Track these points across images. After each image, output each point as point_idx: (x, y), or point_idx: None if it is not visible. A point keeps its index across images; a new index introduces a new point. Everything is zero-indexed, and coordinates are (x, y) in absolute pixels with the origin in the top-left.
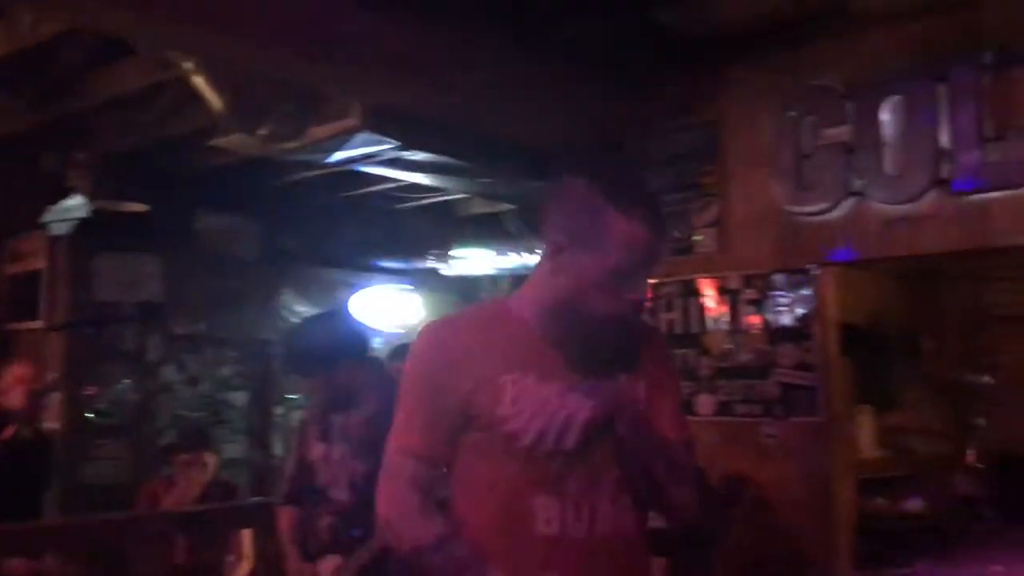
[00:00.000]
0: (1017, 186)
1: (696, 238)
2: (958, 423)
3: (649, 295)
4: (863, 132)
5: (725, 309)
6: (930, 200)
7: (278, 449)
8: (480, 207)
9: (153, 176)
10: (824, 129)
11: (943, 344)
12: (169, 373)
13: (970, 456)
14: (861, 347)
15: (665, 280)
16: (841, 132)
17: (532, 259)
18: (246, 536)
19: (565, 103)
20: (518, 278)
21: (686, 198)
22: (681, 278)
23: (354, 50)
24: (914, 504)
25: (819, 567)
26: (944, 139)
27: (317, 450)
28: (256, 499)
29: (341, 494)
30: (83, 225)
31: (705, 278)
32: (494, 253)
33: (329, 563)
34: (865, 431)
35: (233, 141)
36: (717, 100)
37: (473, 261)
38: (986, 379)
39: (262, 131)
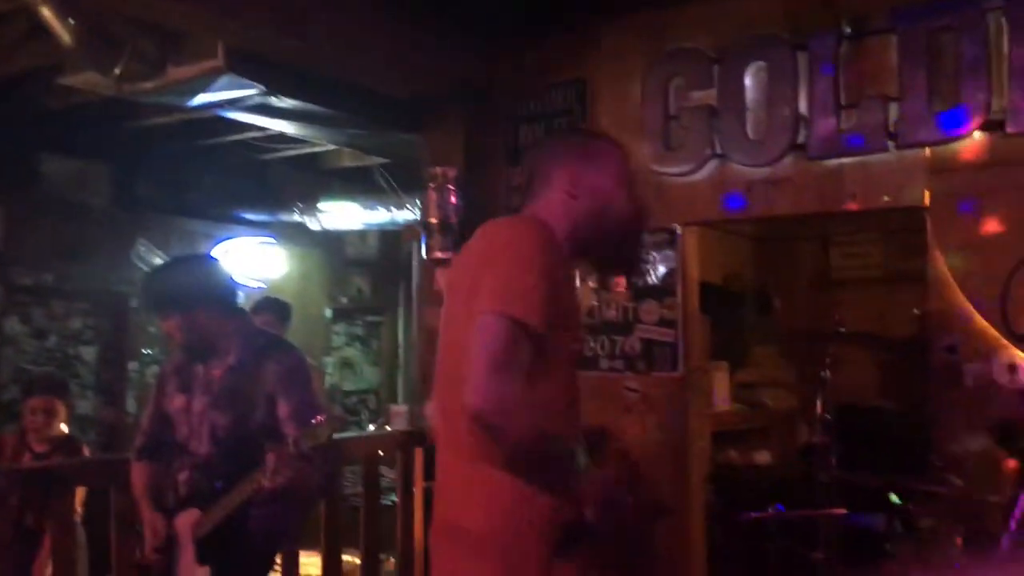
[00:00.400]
0: (868, 152)
1: None
2: (805, 377)
3: None
4: (727, 96)
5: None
6: (788, 164)
7: (131, 407)
8: (349, 160)
9: None
10: (691, 91)
11: (792, 303)
12: (12, 325)
13: (818, 407)
14: (718, 305)
15: None
16: (707, 95)
17: (401, 214)
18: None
19: (434, 55)
20: (387, 233)
21: None
22: None
23: None
24: (763, 455)
25: (675, 516)
26: (803, 106)
27: (177, 401)
28: (115, 455)
29: (201, 447)
30: None
31: None
32: (361, 207)
33: (187, 517)
34: (720, 386)
35: (84, 79)
36: (587, 59)
37: (340, 215)
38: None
39: (116, 70)
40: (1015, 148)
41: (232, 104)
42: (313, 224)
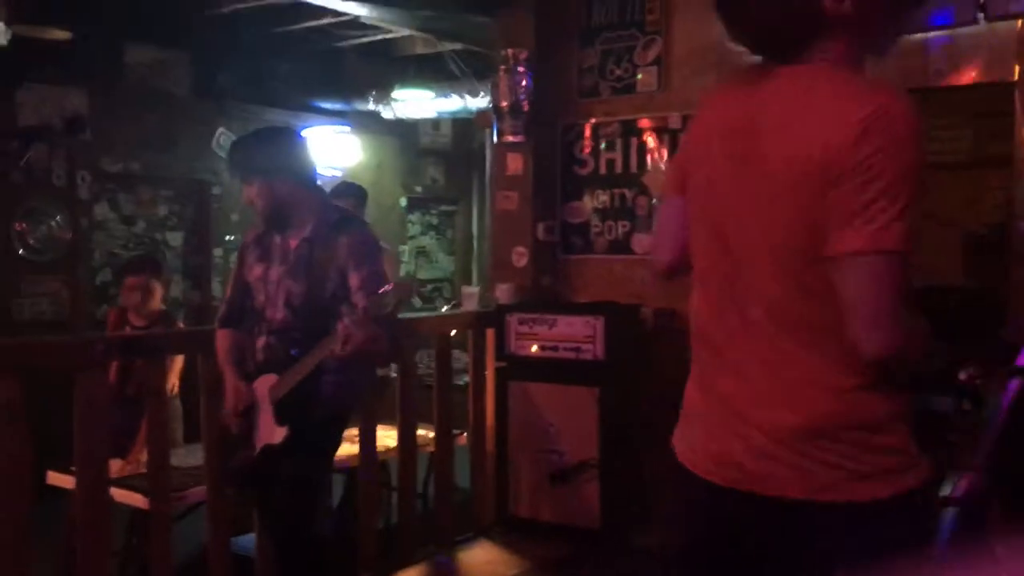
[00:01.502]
0: (955, 25)
1: (639, 76)
2: None
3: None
4: None
5: (665, 149)
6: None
7: (216, 291)
8: (422, 47)
9: (77, 2)
10: None
11: None
12: (102, 211)
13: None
14: None
15: (606, 119)
16: None
17: (475, 101)
18: (177, 362)
19: None
20: (460, 121)
21: (630, 35)
22: (622, 117)
23: None
24: None
25: None
26: None
27: (256, 270)
28: (204, 327)
29: (277, 313)
30: (2, 54)
31: (646, 117)
32: (435, 95)
33: (265, 381)
34: None
35: None
36: None
37: (414, 103)
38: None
39: None
40: None
41: None
42: (387, 113)
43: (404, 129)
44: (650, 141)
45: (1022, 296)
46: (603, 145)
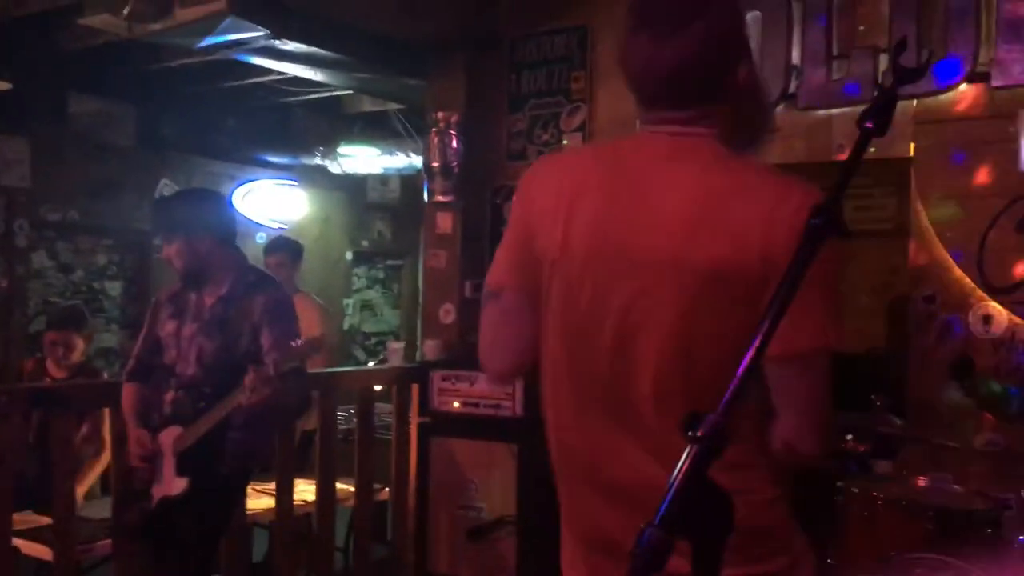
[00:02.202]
0: (857, 103)
1: (564, 142)
2: None
3: None
4: None
5: None
6: (778, 113)
7: None
8: (369, 105)
9: (20, 54)
10: None
11: None
12: (40, 259)
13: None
14: None
15: None
16: None
17: (419, 159)
18: (106, 417)
19: (436, 1)
20: (408, 177)
21: (557, 102)
22: None
23: None
24: None
25: None
26: (795, 55)
27: (168, 326)
28: (109, 379)
29: (188, 368)
30: None
31: None
32: (382, 152)
33: (170, 432)
34: None
35: (99, 20)
36: (588, 5)
37: (361, 159)
38: None
39: (125, 10)
40: (1000, 101)
41: (239, 46)
42: (334, 167)
43: (352, 184)
44: None
45: (919, 361)
46: None
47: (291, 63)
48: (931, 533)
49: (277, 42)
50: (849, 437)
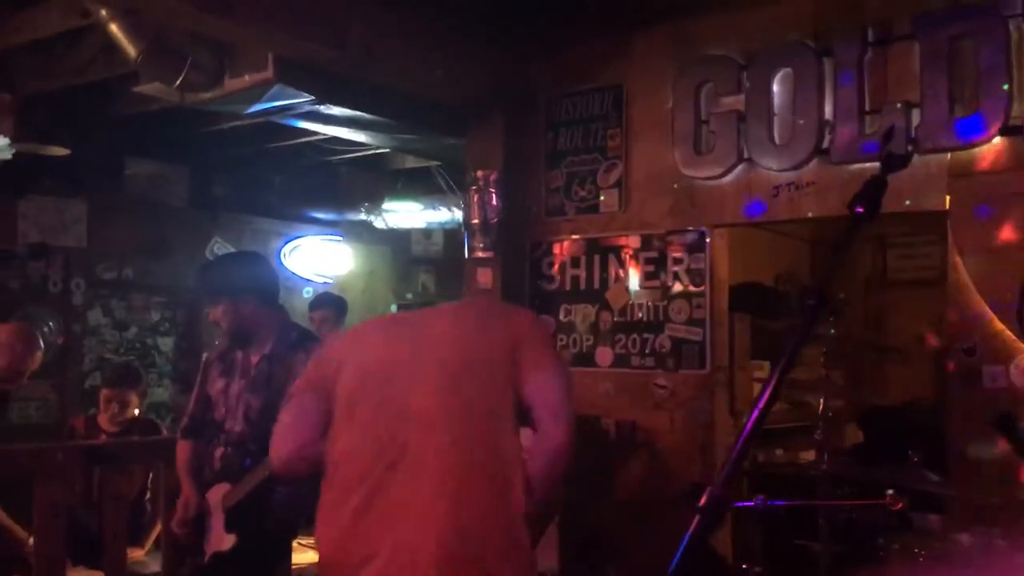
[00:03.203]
0: None
1: (601, 198)
2: (853, 378)
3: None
4: (755, 101)
5: (625, 267)
6: (813, 168)
7: None
8: (412, 162)
9: (79, 120)
10: (721, 97)
11: (847, 305)
12: (95, 317)
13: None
14: (763, 305)
15: (571, 237)
16: (736, 101)
17: (461, 213)
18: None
19: (475, 61)
20: (452, 231)
21: (593, 159)
22: (586, 236)
23: (258, 3)
24: (808, 455)
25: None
26: (827, 111)
27: (218, 384)
28: (165, 435)
29: (236, 425)
30: (6, 167)
31: (607, 236)
32: (425, 207)
33: (219, 489)
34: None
35: (153, 88)
36: (622, 66)
37: (404, 214)
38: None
39: (178, 80)
40: None
41: (285, 111)
42: (379, 223)
43: (396, 238)
44: (612, 259)
45: (959, 414)
46: (568, 262)
47: (335, 126)
48: None
49: (321, 107)
50: (889, 492)
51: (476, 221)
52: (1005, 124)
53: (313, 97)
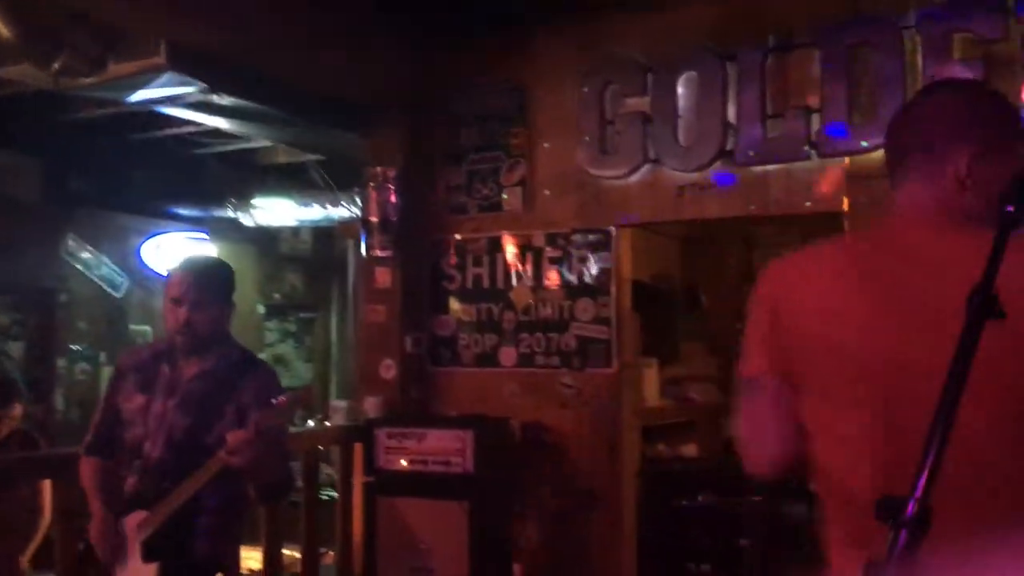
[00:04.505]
0: (791, 160)
1: (504, 196)
2: (728, 371)
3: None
4: (660, 104)
5: (529, 266)
6: (716, 170)
7: (59, 403)
8: (283, 156)
9: None
10: (626, 98)
11: (718, 301)
12: None
13: None
14: (649, 303)
15: (473, 236)
16: (641, 102)
17: (336, 211)
18: (46, 488)
19: (375, 57)
20: (321, 230)
21: (495, 157)
22: (489, 235)
23: None
24: (690, 448)
25: (609, 506)
26: (731, 114)
27: (136, 400)
28: (58, 450)
29: (155, 450)
30: None
31: (511, 235)
32: (296, 204)
33: (134, 518)
34: (650, 382)
35: (20, 72)
36: (525, 64)
37: (274, 211)
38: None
39: (55, 64)
40: None
41: (172, 101)
42: (246, 220)
43: (263, 236)
44: (514, 258)
45: None
46: (470, 261)
47: (223, 117)
48: None
49: (213, 96)
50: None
51: (374, 219)
52: None
53: (206, 86)
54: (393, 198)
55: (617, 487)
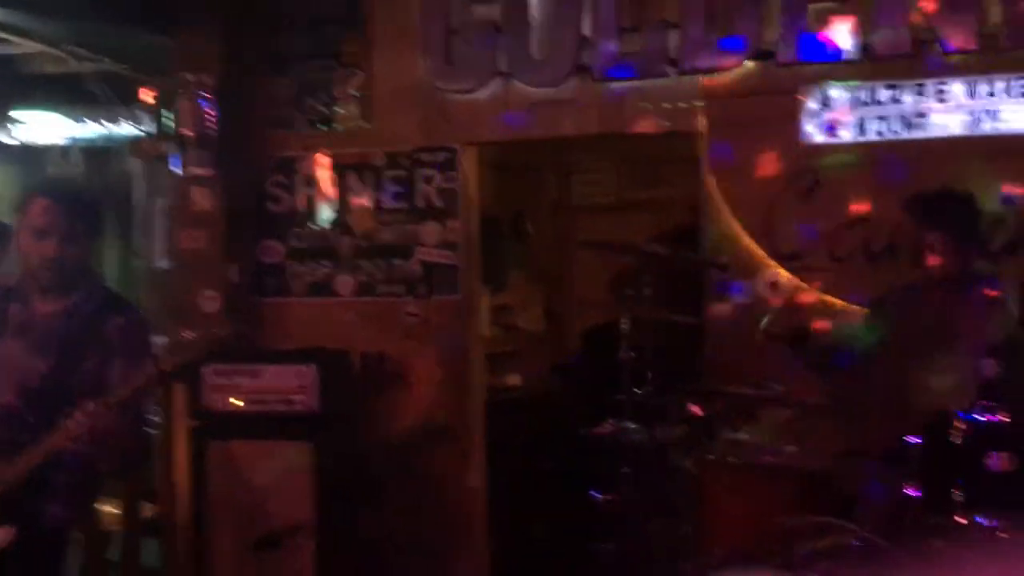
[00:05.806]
0: (647, 76)
1: (339, 111)
2: (551, 301)
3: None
4: (511, 14)
5: (368, 187)
6: (571, 85)
7: None
8: (52, 66)
9: None
10: (473, 5)
11: (538, 229)
12: None
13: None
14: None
15: (303, 154)
16: (491, 11)
17: (118, 128)
18: None
19: None
20: (94, 151)
21: (326, 66)
22: (324, 153)
23: None
24: (514, 378)
25: (457, 437)
26: (587, 28)
27: None
28: None
29: (5, 395)
30: None
31: (347, 154)
32: (68, 119)
33: None
34: (483, 310)
35: None
36: None
37: (41, 127)
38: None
39: None
40: (784, 78)
41: None
42: (6, 137)
43: (28, 155)
44: (354, 178)
45: (713, 323)
46: (300, 182)
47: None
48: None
49: None
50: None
51: (190, 133)
52: (758, 48)
53: None
54: (210, 110)
55: (466, 417)
